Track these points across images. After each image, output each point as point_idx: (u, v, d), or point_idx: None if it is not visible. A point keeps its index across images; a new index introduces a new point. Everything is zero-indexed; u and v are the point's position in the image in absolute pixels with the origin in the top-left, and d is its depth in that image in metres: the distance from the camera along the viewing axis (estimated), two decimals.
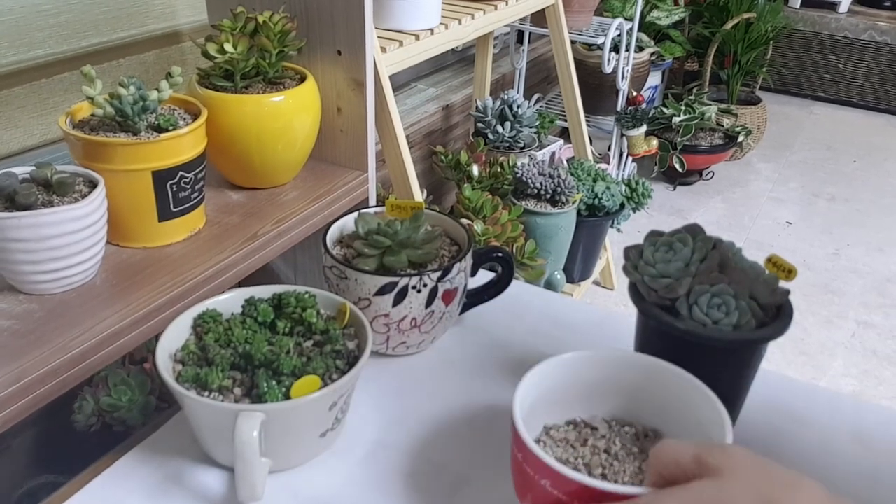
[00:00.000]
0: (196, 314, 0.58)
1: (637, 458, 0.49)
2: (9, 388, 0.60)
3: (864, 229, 2.50)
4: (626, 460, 0.49)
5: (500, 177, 1.75)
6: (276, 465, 0.53)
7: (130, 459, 0.56)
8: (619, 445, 0.51)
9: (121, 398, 0.84)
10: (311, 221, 0.89)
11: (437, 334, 0.66)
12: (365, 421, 0.60)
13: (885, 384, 1.84)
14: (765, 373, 0.68)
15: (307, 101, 0.88)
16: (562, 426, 0.53)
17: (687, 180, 2.71)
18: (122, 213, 0.75)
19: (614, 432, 0.52)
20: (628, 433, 0.52)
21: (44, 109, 1.02)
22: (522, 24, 2.09)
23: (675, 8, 2.76)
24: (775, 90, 3.47)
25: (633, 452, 0.50)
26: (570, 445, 0.51)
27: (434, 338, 0.67)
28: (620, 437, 0.51)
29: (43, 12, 0.99)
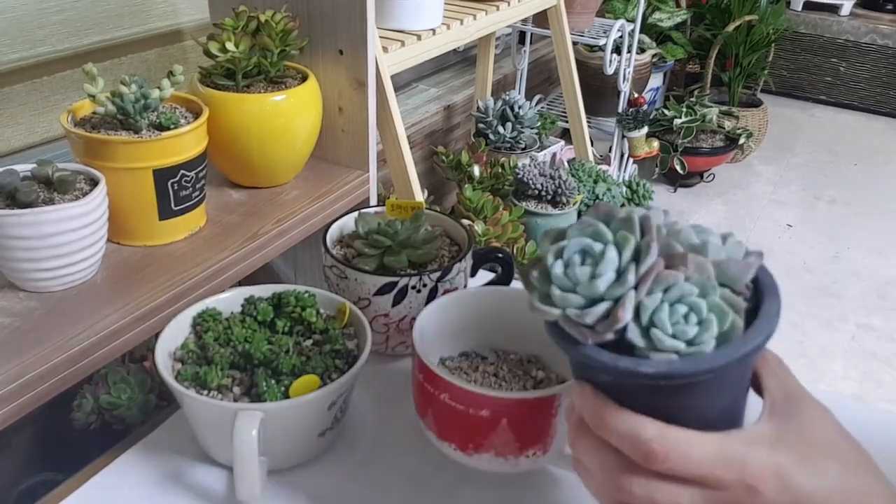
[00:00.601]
0: (196, 313, 0.58)
1: (521, 380, 0.57)
2: (9, 386, 0.60)
3: (865, 232, 2.50)
4: (512, 381, 0.57)
5: (501, 177, 1.76)
6: (275, 465, 0.53)
7: (129, 458, 0.56)
8: (505, 370, 0.58)
9: (120, 396, 0.84)
10: (311, 221, 0.89)
11: None
12: (364, 421, 0.60)
13: (885, 387, 1.84)
14: None
15: (308, 100, 0.88)
16: (455, 357, 0.60)
17: (688, 182, 2.71)
18: (123, 212, 0.75)
19: (501, 359, 0.59)
20: (513, 359, 0.59)
21: (45, 107, 1.02)
22: (524, 24, 2.09)
23: (676, 10, 2.76)
24: (777, 93, 3.47)
25: (517, 375, 0.57)
26: (463, 372, 0.58)
27: None
28: (507, 363, 0.58)
29: (45, 10, 0.99)
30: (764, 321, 0.37)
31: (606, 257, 0.37)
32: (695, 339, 0.36)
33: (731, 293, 0.37)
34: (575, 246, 0.38)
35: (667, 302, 0.37)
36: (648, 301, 0.37)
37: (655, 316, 0.36)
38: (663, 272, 0.37)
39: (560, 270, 0.38)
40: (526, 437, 0.50)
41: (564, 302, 0.38)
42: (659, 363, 0.36)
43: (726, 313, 0.36)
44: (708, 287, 0.37)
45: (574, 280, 0.37)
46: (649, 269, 0.37)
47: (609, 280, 0.37)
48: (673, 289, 0.37)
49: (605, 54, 2.03)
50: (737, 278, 0.38)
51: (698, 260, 0.37)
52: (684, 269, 0.37)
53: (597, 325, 0.37)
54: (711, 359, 0.36)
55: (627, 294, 0.36)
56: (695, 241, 0.39)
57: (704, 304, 0.37)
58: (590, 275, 0.37)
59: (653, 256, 0.37)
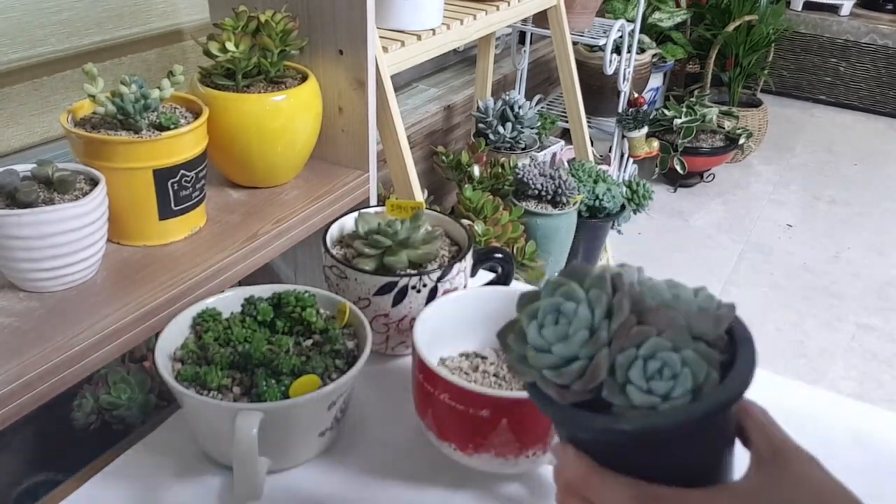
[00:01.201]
0: (196, 313, 0.58)
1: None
2: (9, 386, 0.60)
3: (865, 232, 2.50)
4: (513, 381, 0.57)
5: (501, 177, 1.76)
6: (275, 465, 0.53)
7: (129, 457, 0.56)
8: (505, 370, 0.58)
9: (120, 396, 0.84)
10: (311, 221, 0.89)
11: None
12: (364, 420, 0.60)
13: (885, 387, 1.84)
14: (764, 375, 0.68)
15: (308, 100, 0.88)
16: (455, 357, 0.60)
17: (688, 182, 2.71)
18: (123, 212, 0.75)
19: (501, 359, 0.60)
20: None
21: (45, 107, 1.02)
22: (524, 24, 2.09)
23: (676, 10, 2.76)
24: (776, 93, 3.47)
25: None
26: (463, 372, 0.58)
27: None
28: (507, 363, 0.58)
29: (45, 10, 0.99)
30: (739, 372, 0.37)
31: (579, 316, 0.38)
32: (670, 394, 0.36)
33: (705, 346, 0.37)
34: (548, 307, 0.39)
35: (640, 358, 0.37)
36: (622, 358, 0.37)
37: (630, 372, 0.37)
38: (636, 328, 0.37)
39: (535, 331, 0.39)
40: (526, 437, 0.50)
41: (540, 362, 0.38)
42: (635, 419, 0.36)
43: (701, 366, 0.36)
44: (681, 341, 0.37)
45: (548, 340, 0.38)
46: (622, 325, 0.37)
47: (582, 339, 0.37)
48: (646, 344, 0.37)
49: (605, 54, 2.03)
50: (709, 331, 0.38)
51: (670, 314, 0.38)
52: (657, 324, 0.37)
53: (572, 384, 0.37)
54: (687, 412, 0.36)
55: (601, 352, 0.37)
56: (666, 295, 0.39)
57: (678, 358, 0.37)
58: (563, 334, 0.38)
59: (624, 313, 0.37)
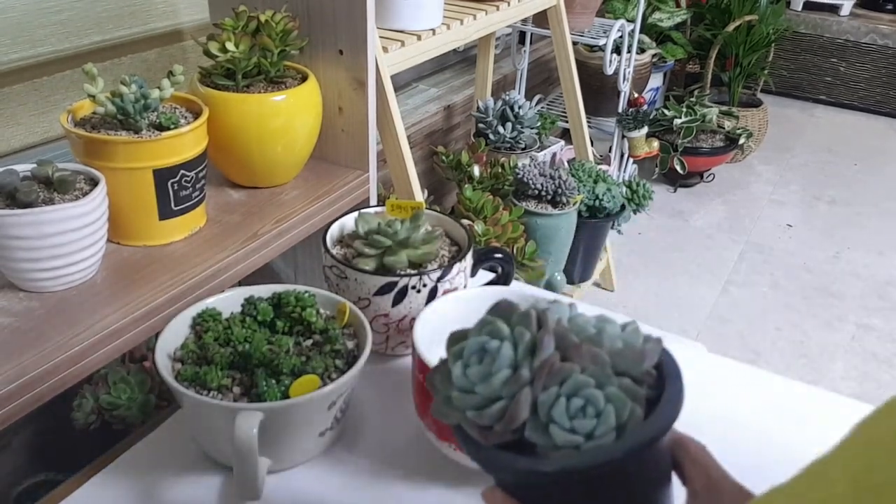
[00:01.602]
0: (196, 313, 0.58)
1: None
2: (8, 386, 0.60)
3: (865, 232, 2.50)
4: None
5: (501, 177, 1.75)
6: (275, 465, 0.53)
7: (129, 457, 0.56)
8: None
9: (120, 396, 0.84)
10: (311, 221, 0.89)
11: None
12: (364, 420, 0.60)
13: (885, 387, 1.84)
14: (764, 375, 0.68)
15: (308, 100, 0.88)
16: None
17: (688, 182, 2.71)
18: (123, 212, 0.75)
19: None
20: None
21: (45, 107, 1.02)
22: (524, 24, 2.09)
23: (676, 10, 2.76)
24: (777, 93, 3.47)
25: None
26: None
27: None
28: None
29: (45, 10, 0.99)
30: (665, 407, 0.36)
31: (501, 354, 0.37)
32: (594, 432, 0.35)
33: (630, 382, 0.36)
34: (473, 345, 0.38)
35: (563, 395, 0.36)
36: (544, 396, 0.36)
37: (553, 411, 0.35)
38: (558, 365, 0.36)
39: (459, 371, 0.38)
40: None
41: (463, 403, 0.37)
42: (557, 460, 0.35)
43: (625, 403, 0.35)
44: (603, 377, 0.36)
45: (472, 380, 0.37)
46: (544, 362, 0.36)
47: (504, 377, 0.36)
48: (568, 381, 0.36)
49: (605, 54, 2.03)
50: (634, 367, 0.37)
51: (593, 351, 0.37)
52: (580, 361, 0.36)
53: (495, 424, 0.36)
54: (610, 450, 0.34)
55: (523, 391, 0.36)
56: (590, 331, 0.38)
57: (601, 395, 0.36)
58: (486, 373, 0.37)
59: (547, 349, 0.36)
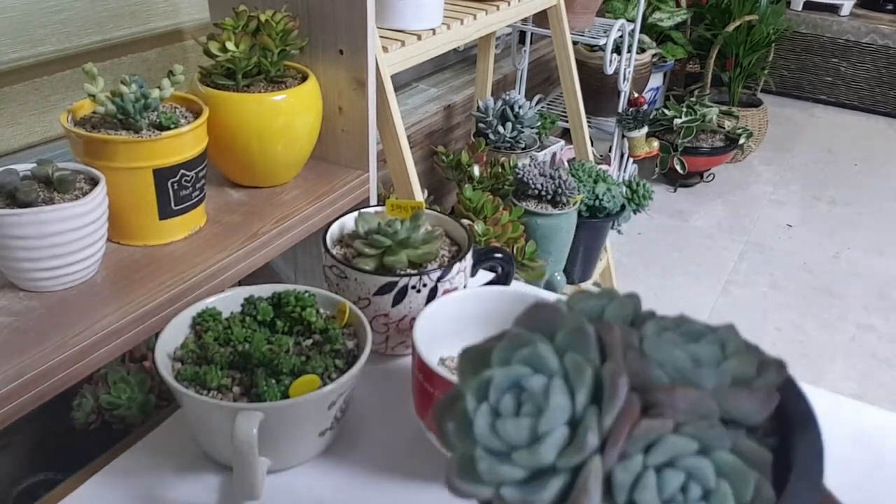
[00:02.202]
0: (195, 312, 0.58)
1: None
2: (8, 385, 0.60)
3: (865, 232, 2.50)
4: None
5: (501, 177, 1.75)
6: (275, 465, 0.53)
7: (129, 457, 0.56)
8: None
9: (120, 396, 0.84)
10: (311, 221, 0.89)
11: None
12: (364, 420, 0.60)
13: (885, 387, 1.84)
14: None
15: (308, 100, 0.88)
16: (455, 357, 0.60)
17: (688, 182, 2.71)
18: (123, 211, 0.75)
19: None
20: None
21: (45, 107, 1.02)
22: (524, 24, 2.09)
23: (677, 10, 2.76)
24: (777, 93, 3.47)
25: None
26: None
27: None
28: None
29: (45, 9, 0.99)
30: (802, 479, 0.24)
31: (552, 403, 0.24)
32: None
33: (746, 441, 0.24)
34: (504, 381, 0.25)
35: (652, 468, 0.23)
36: (623, 472, 0.23)
37: (638, 494, 0.23)
38: (641, 423, 0.23)
39: (485, 424, 0.24)
40: None
41: (496, 476, 0.24)
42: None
43: (746, 477, 0.23)
44: (712, 438, 0.23)
45: (507, 440, 0.24)
46: (619, 417, 0.23)
47: (560, 440, 0.23)
48: (659, 446, 0.23)
49: (606, 54, 2.03)
50: (753, 414, 0.24)
51: (692, 396, 0.24)
52: (672, 412, 0.23)
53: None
54: None
55: (590, 463, 0.23)
56: (682, 362, 0.25)
57: (711, 465, 0.23)
58: (530, 432, 0.24)
59: (621, 397, 0.23)
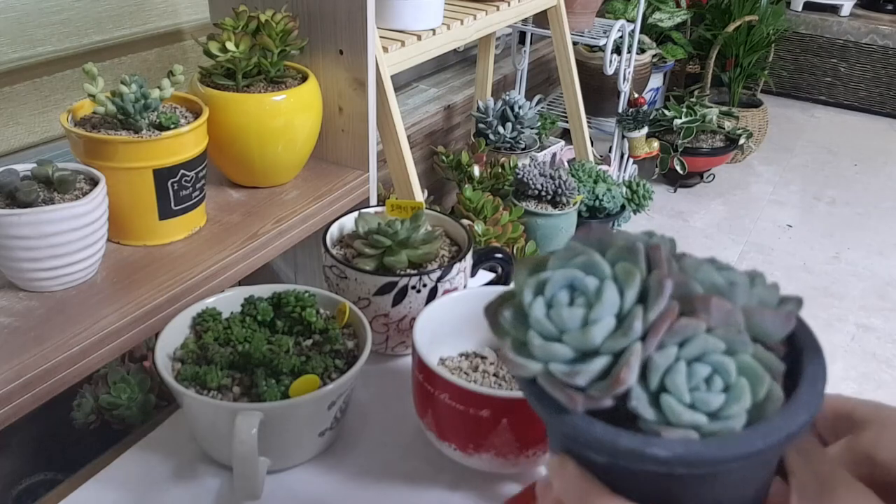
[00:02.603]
0: (196, 313, 0.58)
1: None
2: (8, 385, 0.60)
3: (865, 233, 2.50)
4: (512, 381, 0.57)
5: (501, 178, 1.76)
6: (275, 465, 0.53)
7: (129, 457, 0.56)
8: (505, 370, 0.57)
9: (120, 396, 0.84)
10: (311, 221, 0.89)
11: None
12: (364, 420, 0.60)
13: (885, 387, 1.84)
14: None
15: (308, 100, 0.88)
16: (455, 357, 0.60)
17: (688, 182, 2.71)
18: (123, 211, 0.75)
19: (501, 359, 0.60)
20: None
21: (45, 107, 1.02)
22: (524, 25, 2.09)
23: (677, 10, 2.76)
24: (777, 93, 3.47)
25: None
26: (462, 372, 0.58)
27: None
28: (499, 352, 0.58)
29: (45, 10, 0.99)
30: (808, 391, 0.28)
31: (604, 297, 0.28)
32: (721, 412, 0.27)
33: (765, 351, 0.28)
34: (560, 280, 0.29)
35: (684, 360, 0.27)
36: (660, 358, 0.27)
37: (669, 378, 0.27)
38: (679, 321, 0.27)
39: (541, 312, 0.28)
40: (526, 437, 0.50)
41: (547, 354, 0.28)
42: (674, 444, 0.26)
43: (762, 378, 0.27)
44: (737, 342, 0.28)
45: (560, 325, 0.28)
46: (662, 314, 0.27)
47: (608, 328, 0.27)
48: (692, 343, 0.27)
49: (606, 54, 2.03)
50: (772, 332, 0.28)
51: (725, 306, 0.28)
52: (706, 318, 0.27)
53: (590, 387, 0.27)
54: (746, 441, 0.26)
55: (633, 347, 0.27)
56: (718, 280, 0.29)
57: (734, 364, 0.27)
58: (582, 319, 0.28)
59: (665, 298, 0.27)
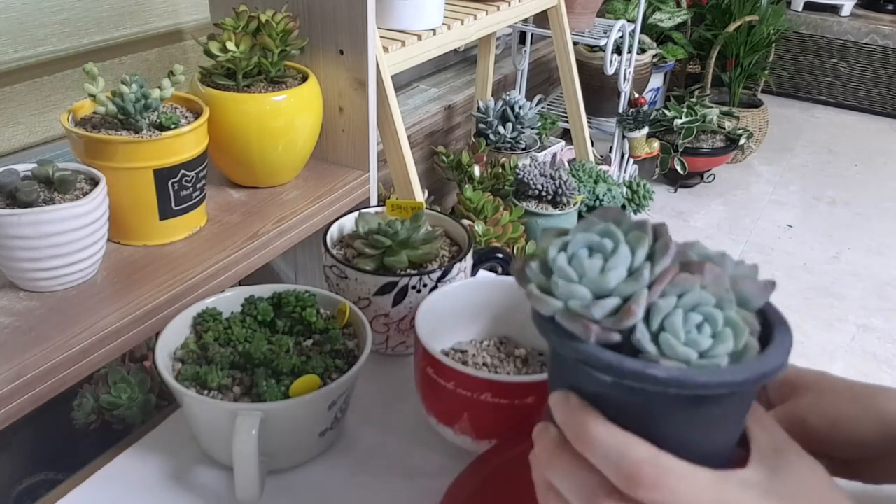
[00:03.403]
0: (196, 313, 0.58)
1: (504, 361, 0.59)
2: (9, 385, 0.60)
3: (865, 233, 2.50)
4: (500, 366, 0.59)
5: (502, 178, 1.76)
6: (275, 465, 0.53)
7: (129, 457, 0.56)
8: (488, 358, 0.60)
9: (120, 396, 0.84)
10: (311, 221, 0.89)
11: None
12: (364, 420, 0.60)
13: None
14: None
15: (309, 100, 0.88)
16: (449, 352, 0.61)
17: (688, 182, 2.71)
18: (124, 211, 0.75)
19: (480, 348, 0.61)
20: (487, 347, 0.61)
21: (46, 107, 1.02)
22: (525, 25, 2.09)
23: (677, 10, 2.76)
24: (777, 93, 3.47)
25: (499, 358, 0.60)
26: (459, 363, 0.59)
27: None
28: (487, 352, 0.61)
29: (45, 9, 0.99)
30: (778, 349, 0.34)
31: (619, 252, 0.34)
32: (708, 352, 0.33)
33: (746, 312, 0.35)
34: (582, 241, 0.35)
35: (681, 308, 0.34)
36: (662, 303, 0.34)
37: (668, 320, 0.33)
38: (679, 276, 0.34)
39: (564, 262, 0.35)
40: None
41: (568, 293, 0.34)
42: (670, 368, 0.32)
43: (742, 330, 0.34)
44: (725, 300, 0.34)
45: (580, 272, 0.34)
46: (665, 270, 0.34)
47: (621, 276, 0.34)
48: (688, 295, 0.34)
49: (606, 55, 2.03)
50: (752, 298, 0.35)
51: (716, 270, 0.34)
52: (701, 278, 0.34)
53: (603, 320, 0.33)
54: (728, 372, 0.33)
55: (641, 291, 0.33)
56: (711, 253, 0.36)
57: (721, 316, 0.34)
58: (600, 267, 0.34)
59: (669, 256, 0.34)
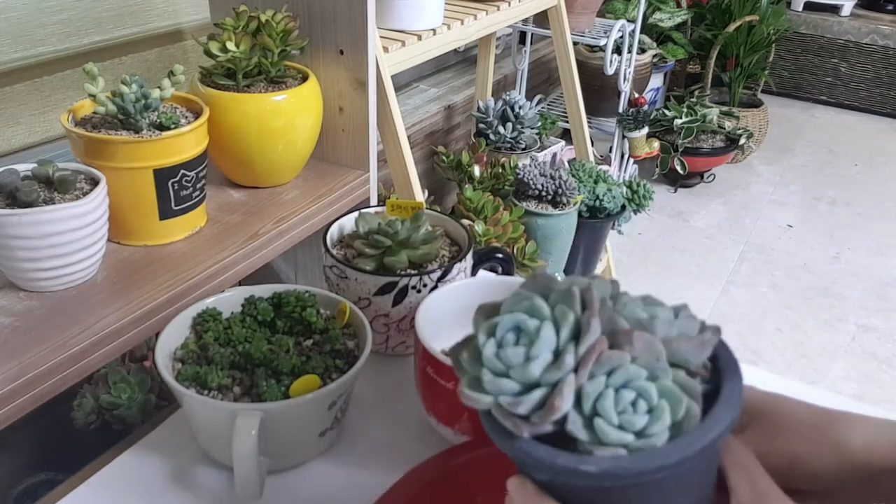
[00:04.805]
0: (196, 313, 0.58)
1: None
2: (9, 385, 0.60)
3: (865, 233, 2.50)
4: None
5: (502, 178, 1.75)
6: (275, 465, 0.53)
7: (129, 457, 0.56)
8: None
9: (120, 396, 0.84)
10: (311, 221, 0.89)
11: None
12: (364, 420, 0.60)
13: (885, 387, 1.84)
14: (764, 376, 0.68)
15: (309, 100, 0.88)
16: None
17: (688, 182, 2.71)
18: (124, 211, 0.75)
19: None
20: None
21: (46, 107, 1.02)
22: (525, 25, 2.09)
23: (677, 10, 2.76)
24: (777, 93, 3.47)
25: None
26: None
27: None
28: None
29: (45, 9, 0.99)
30: (724, 407, 0.33)
31: (542, 336, 0.33)
32: (645, 430, 0.32)
33: (685, 376, 0.33)
34: (508, 323, 0.34)
35: (611, 387, 0.32)
36: (590, 386, 0.32)
37: (599, 404, 0.32)
38: (606, 352, 0.32)
39: (492, 351, 0.33)
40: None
41: (496, 388, 0.33)
42: (603, 460, 0.31)
43: (680, 399, 0.32)
44: (657, 369, 0.33)
45: (507, 363, 0.33)
46: (590, 348, 0.32)
47: (545, 362, 0.32)
48: (618, 371, 0.32)
49: (606, 54, 2.03)
50: (690, 358, 0.34)
51: (646, 338, 0.33)
52: (630, 349, 0.33)
53: (532, 415, 0.32)
54: (664, 454, 0.31)
55: (566, 379, 0.32)
56: (641, 315, 0.34)
57: (654, 388, 0.32)
58: (523, 356, 0.33)
59: (594, 334, 0.32)
